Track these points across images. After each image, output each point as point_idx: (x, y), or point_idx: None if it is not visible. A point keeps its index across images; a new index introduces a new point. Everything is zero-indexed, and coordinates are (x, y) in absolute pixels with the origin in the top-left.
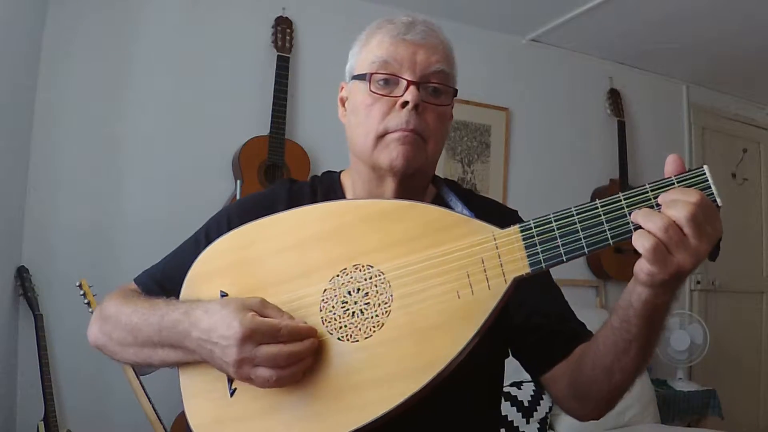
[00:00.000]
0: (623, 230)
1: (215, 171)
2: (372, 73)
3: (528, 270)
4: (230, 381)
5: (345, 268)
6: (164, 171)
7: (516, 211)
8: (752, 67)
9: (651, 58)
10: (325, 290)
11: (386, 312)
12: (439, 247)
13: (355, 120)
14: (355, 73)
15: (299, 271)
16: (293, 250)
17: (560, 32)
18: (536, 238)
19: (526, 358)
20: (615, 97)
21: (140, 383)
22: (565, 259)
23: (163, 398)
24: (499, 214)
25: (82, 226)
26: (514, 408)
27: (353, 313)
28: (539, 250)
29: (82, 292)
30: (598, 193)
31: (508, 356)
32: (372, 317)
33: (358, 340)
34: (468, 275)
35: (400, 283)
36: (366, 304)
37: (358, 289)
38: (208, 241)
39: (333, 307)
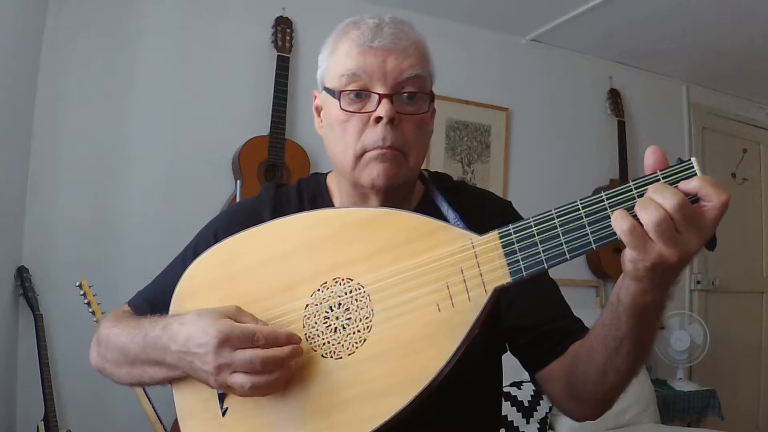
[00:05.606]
0: (607, 232)
1: (215, 171)
2: (341, 91)
3: (509, 279)
4: (221, 400)
5: (325, 282)
6: (164, 171)
7: (509, 203)
8: (752, 67)
9: (651, 58)
10: (307, 305)
11: (368, 327)
12: (418, 257)
13: (332, 136)
14: (326, 85)
15: (282, 285)
16: (276, 264)
17: (560, 32)
18: (516, 244)
19: (521, 357)
20: (615, 97)
21: None
22: (546, 266)
23: (163, 398)
24: (490, 208)
25: (82, 225)
26: (514, 408)
27: (335, 328)
28: (519, 258)
29: (82, 292)
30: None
31: (505, 352)
32: (354, 332)
33: (341, 357)
34: (448, 286)
35: (381, 296)
36: (348, 319)
37: (339, 304)
38: (196, 256)
39: (315, 323)
